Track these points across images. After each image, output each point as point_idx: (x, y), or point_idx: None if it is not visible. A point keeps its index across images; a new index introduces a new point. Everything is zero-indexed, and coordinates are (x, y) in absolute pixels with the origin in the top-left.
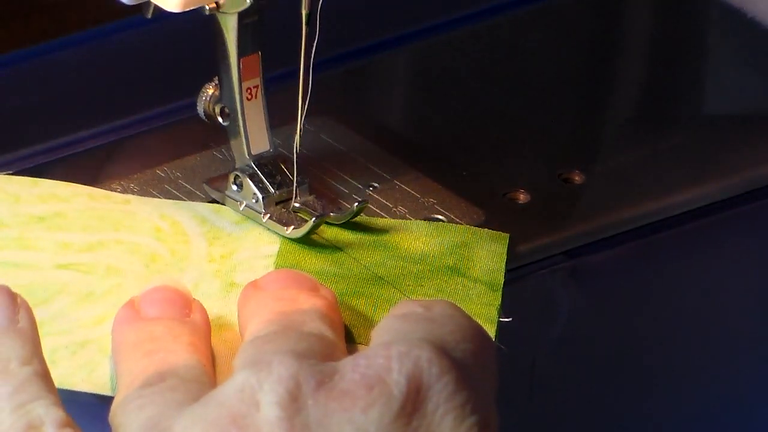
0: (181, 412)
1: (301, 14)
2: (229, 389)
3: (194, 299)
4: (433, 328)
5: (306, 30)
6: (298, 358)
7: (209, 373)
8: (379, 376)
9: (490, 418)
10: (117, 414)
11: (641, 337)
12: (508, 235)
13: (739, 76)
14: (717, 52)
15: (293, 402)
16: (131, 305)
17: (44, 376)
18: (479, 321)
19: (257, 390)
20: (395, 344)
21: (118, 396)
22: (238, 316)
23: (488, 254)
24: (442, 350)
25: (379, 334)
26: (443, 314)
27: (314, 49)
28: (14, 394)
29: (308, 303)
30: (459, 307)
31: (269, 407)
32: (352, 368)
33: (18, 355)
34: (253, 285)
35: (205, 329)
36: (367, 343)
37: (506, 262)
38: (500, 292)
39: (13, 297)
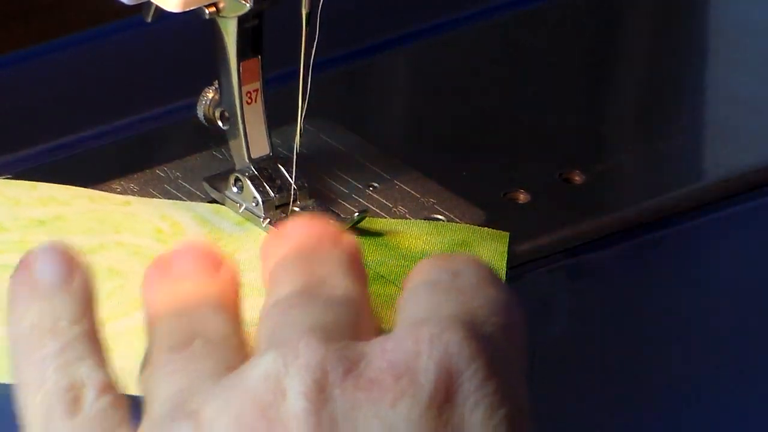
0: (211, 394)
1: (301, 14)
2: (256, 374)
3: (225, 257)
4: (463, 301)
5: (306, 30)
6: (325, 340)
7: (238, 332)
8: (408, 365)
9: (522, 402)
10: (146, 378)
11: (641, 336)
12: (508, 233)
13: (739, 76)
14: (717, 52)
15: (320, 392)
16: (161, 262)
17: (93, 336)
18: None
19: (283, 376)
20: (426, 325)
21: (148, 357)
22: (261, 260)
23: (489, 253)
24: (473, 329)
25: (407, 308)
26: (472, 283)
27: (314, 49)
28: (60, 353)
29: (332, 254)
30: (487, 268)
31: (296, 398)
32: (380, 353)
33: (68, 313)
34: (277, 232)
35: (235, 286)
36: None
37: (507, 261)
38: None
39: (69, 256)
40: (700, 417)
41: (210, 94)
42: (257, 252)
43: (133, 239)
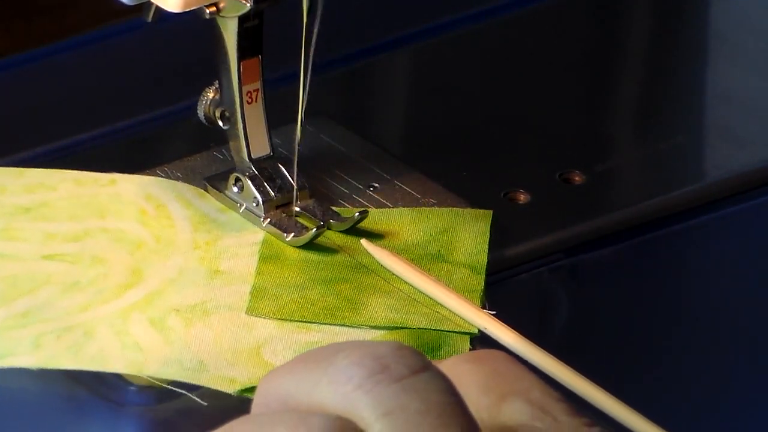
0: None
1: (302, 13)
2: None
3: None
4: None
5: (306, 22)
6: None
7: None
8: None
9: None
10: None
11: (641, 336)
12: (491, 211)
13: (739, 77)
14: (716, 52)
15: None
16: None
17: None
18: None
19: None
20: None
21: None
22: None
23: (471, 236)
24: None
25: None
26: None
27: (313, 48)
28: None
29: None
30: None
31: None
32: None
33: None
34: None
35: None
36: (351, 324)
37: (493, 242)
38: (483, 275)
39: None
40: (700, 415)
41: (210, 94)
42: (241, 239)
43: (118, 224)
